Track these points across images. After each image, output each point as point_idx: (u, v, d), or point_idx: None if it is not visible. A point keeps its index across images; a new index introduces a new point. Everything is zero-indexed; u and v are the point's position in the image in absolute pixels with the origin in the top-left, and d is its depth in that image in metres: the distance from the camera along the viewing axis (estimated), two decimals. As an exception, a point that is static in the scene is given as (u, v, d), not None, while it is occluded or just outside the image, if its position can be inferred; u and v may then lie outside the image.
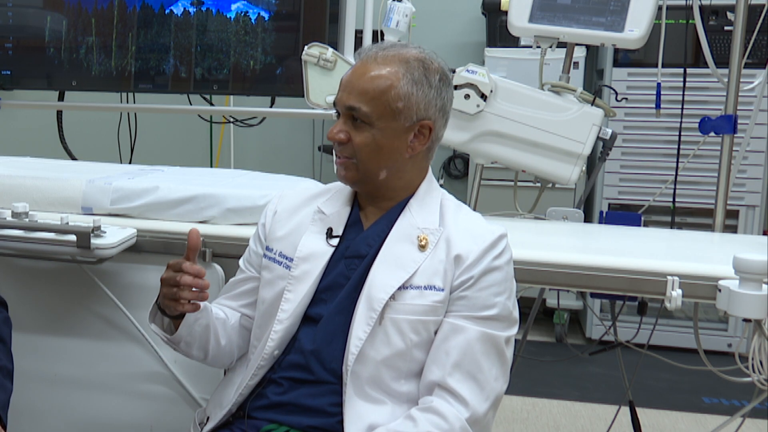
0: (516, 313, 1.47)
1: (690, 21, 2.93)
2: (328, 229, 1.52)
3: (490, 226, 1.48)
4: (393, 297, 1.42)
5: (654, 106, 2.72)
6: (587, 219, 3.08)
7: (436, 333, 1.43)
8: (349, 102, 1.45)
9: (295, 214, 1.58)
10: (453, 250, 1.44)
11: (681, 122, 2.87)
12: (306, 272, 1.49)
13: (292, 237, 1.54)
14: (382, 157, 1.45)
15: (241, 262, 1.65)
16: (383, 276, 1.44)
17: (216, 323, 1.55)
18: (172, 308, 1.44)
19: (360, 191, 1.54)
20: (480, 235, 1.46)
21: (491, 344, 1.42)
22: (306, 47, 2.32)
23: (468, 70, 2.24)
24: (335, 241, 1.51)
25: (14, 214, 1.82)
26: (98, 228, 1.79)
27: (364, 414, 1.40)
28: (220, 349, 1.57)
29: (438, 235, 1.46)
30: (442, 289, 1.42)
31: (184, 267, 1.41)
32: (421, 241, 1.46)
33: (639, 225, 2.47)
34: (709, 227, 2.57)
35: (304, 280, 1.49)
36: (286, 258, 1.53)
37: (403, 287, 1.43)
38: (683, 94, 2.93)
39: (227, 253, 1.86)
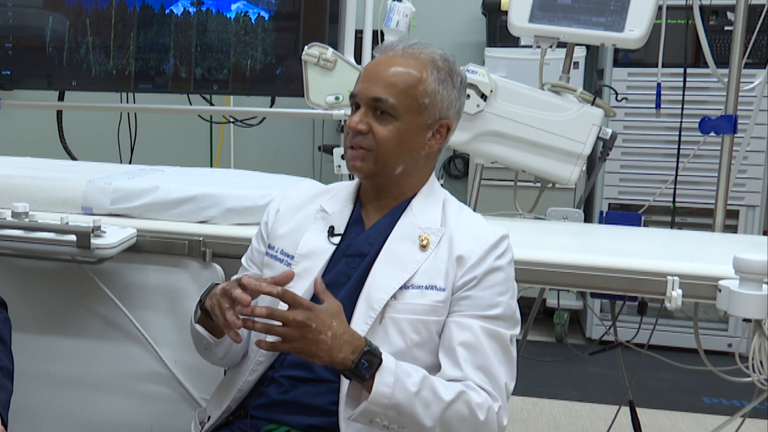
0: (518, 314, 1.48)
1: (690, 21, 2.93)
2: (329, 227, 1.53)
3: (492, 227, 1.49)
4: (394, 296, 1.42)
5: (654, 106, 2.72)
6: (587, 219, 3.08)
7: (438, 334, 1.43)
8: (375, 93, 1.44)
9: (298, 212, 1.58)
10: (455, 250, 1.44)
11: (681, 122, 2.87)
12: (307, 269, 1.50)
13: (294, 235, 1.55)
14: (403, 152, 1.46)
15: (243, 260, 1.65)
16: (384, 276, 1.44)
17: None
18: (221, 323, 1.36)
19: (371, 185, 1.52)
20: (482, 236, 1.46)
21: (497, 341, 1.41)
22: (306, 47, 2.32)
23: (468, 70, 2.24)
24: (337, 239, 1.51)
25: (14, 214, 1.82)
26: (98, 228, 1.79)
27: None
28: (235, 348, 1.55)
29: (440, 234, 1.47)
30: (444, 289, 1.43)
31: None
32: (422, 240, 1.46)
33: (639, 225, 2.47)
34: (709, 227, 2.57)
35: (305, 277, 1.49)
36: (288, 255, 1.53)
37: (404, 287, 1.43)
38: (683, 94, 2.93)
39: (227, 253, 1.86)
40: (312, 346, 1.26)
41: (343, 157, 2.16)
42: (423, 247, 1.45)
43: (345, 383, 1.41)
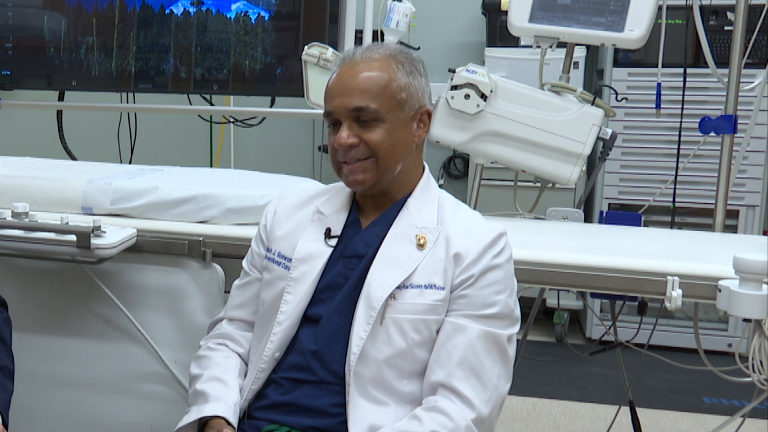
0: (517, 312, 1.48)
1: (690, 21, 2.92)
2: (326, 229, 1.53)
3: (489, 224, 1.49)
4: (393, 296, 1.42)
5: (654, 106, 2.72)
6: (587, 219, 3.08)
7: (438, 332, 1.43)
8: (354, 104, 1.44)
9: (295, 214, 1.58)
10: (452, 248, 1.44)
11: (681, 122, 2.87)
12: (304, 273, 1.50)
13: (290, 237, 1.55)
14: (398, 151, 1.47)
15: (244, 264, 1.65)
16: (382, 275, 1.44)
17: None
18: None
19: (372, 192, 1.51)
20: (479, 233, 1.46)
21: (493, 343, 1.42)
22: (306, 47, 2.32)
23: (468, 70, 2.24)
24: (334, 241, 1.51)
25: (14, 214, 1.82)
26: (98, 228, 1.78)
27: (366, 415, 1.40)
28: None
29: (436, 233, 1.47)
30: (443, 288, 1.43)
31: None
32: (419, 240, 1.46)
33: (639, 225, 2.47)
34: (709, 227, 2.57)
35: (303, 281, 1.49)
36: (285, 258, 1.53)
37: (403, 286, 1.43)
38: (683, 94, 2.92)
39: (227, 253, 1.86)
40: None
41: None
42: (420, 246, 1.46)
43: (350, 384, 1.41)
